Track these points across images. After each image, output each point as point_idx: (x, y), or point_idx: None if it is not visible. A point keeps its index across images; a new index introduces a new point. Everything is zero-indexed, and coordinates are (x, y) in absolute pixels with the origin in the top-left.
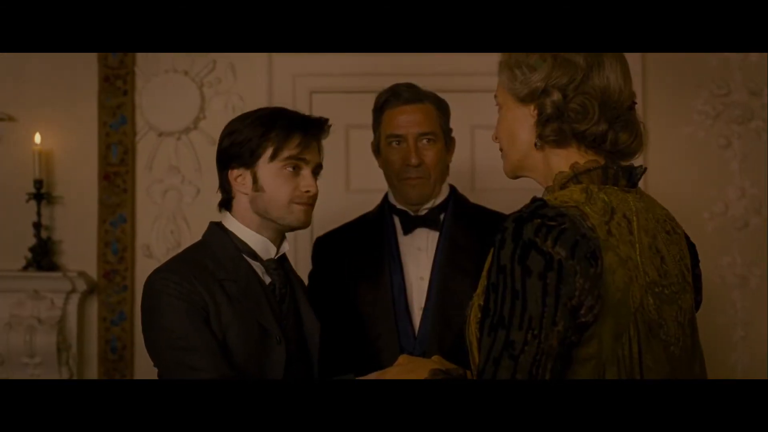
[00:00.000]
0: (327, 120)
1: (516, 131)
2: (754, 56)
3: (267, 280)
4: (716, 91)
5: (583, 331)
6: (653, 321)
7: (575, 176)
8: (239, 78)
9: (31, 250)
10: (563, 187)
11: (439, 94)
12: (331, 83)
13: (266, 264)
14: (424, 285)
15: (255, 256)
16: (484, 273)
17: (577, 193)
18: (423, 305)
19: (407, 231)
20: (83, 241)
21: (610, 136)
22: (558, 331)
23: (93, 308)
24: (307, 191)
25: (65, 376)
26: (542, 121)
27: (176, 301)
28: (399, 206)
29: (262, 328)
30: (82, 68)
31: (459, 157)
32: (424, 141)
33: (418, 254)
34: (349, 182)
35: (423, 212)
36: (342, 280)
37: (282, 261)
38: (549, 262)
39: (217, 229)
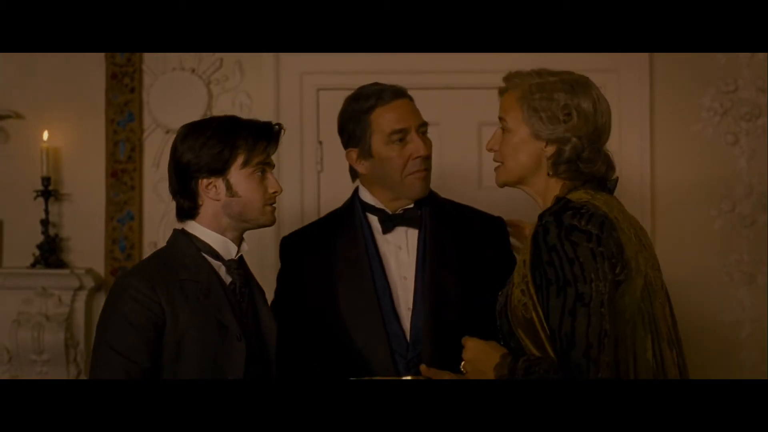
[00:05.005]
0: (281, 125)
1: (523, 157)
2: (761, 53)
3: (228, 279)
4: (724, 88)
5: (617, 287)
6: (652, 284)
7: (574, 187)
8: (246, 76)
9: (39, 247)
10: (566, 193)
11: (447, 91)
12: (339, 81)
13: (228, 264)
14: (409, 284)
15: (217, 256)
16: (520, 266)
17: (582, 194)
18: (410, 305)
19: (387, 230)
20: (91, 238)
21: (602, 173)
22: (608, 281)
23: (100, 305)
24: (275, 192)
25: (73, 373)
26: (559, 161)
27: (132, 304)
28: (378, 205)
29: (222, 326)
30: (90, 66)
31: (466, 154)
32: (423, 130)
33: (399, 253)
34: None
35: (400, 210)
36: (318, 283)
37: (241, 261)
38: (589, 235)
39: (179, 233)
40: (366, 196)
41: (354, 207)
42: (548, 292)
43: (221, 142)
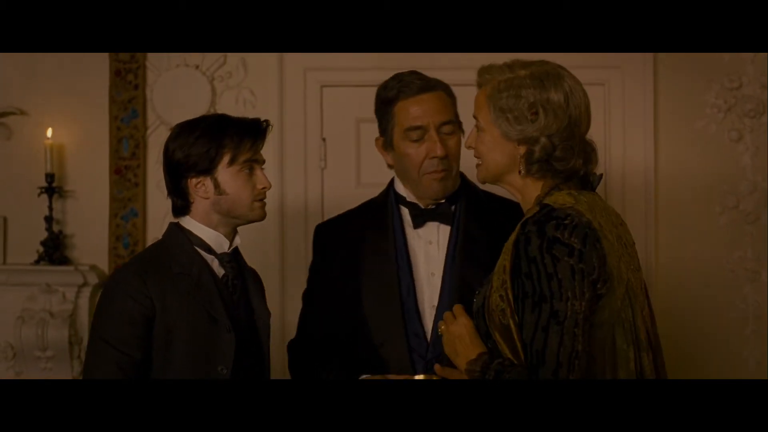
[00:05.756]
0: (268, 121)
1: (498, 156)
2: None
3: (221, 272)
4: (728, 85)
5: (597, 302)
6: (632, 290)
7: (557, 186)
8: (250, 72)
9: (43, 243)
10: (548, 194)
11: (452, 88)
12: (342, 77)
13: (220, 257)
14: (436, 281)
15: (209, 249)
16: (500, 270)
17: (565, 197)
18: (435, 303)
19: (418, 224)
20: (95, 235)
21: (581, 170)
22: (586, 299)
23: None
24: (263, 188)
25: (77, 369)
26: (530, 161)
27: (124, 298)
28: (410, 198)
29: (212, 319)
30: (94, 63)
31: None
32: (446, 130)
33: (429, 248)
34: (360, 176)
35: (432, 205)
36: (346, 274)
37: (235, 254)
38: (571, 249)
39: (174, 227)
40: (399, 187)
41: (389, 197)
42: (524, 305)
43: (208, 142)
